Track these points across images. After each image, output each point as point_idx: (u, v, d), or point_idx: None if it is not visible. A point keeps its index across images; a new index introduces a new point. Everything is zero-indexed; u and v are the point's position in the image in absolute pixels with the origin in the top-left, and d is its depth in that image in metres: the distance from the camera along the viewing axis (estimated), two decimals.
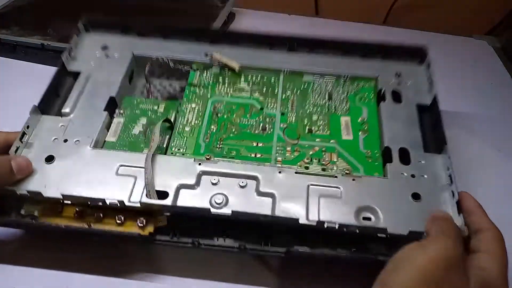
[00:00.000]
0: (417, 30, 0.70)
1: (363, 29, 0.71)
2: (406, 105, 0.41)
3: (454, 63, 0.63)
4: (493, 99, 0.57)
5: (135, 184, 0.34)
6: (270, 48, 0.46)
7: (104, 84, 0.42)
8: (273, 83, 0.43)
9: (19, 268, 0.36)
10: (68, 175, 0.35)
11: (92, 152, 0.37)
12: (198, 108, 0.41)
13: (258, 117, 0.41)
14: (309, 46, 0.45)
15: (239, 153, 0.38)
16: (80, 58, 0.44)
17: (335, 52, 0.45)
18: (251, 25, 0.70)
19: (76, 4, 0.68)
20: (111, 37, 0.47)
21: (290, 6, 0.75)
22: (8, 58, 0.59)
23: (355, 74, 0.44)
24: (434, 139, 0.39)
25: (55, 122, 0.39)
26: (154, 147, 0.36)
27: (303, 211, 0.33)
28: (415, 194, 0.34)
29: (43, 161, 0.36)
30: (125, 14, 0.66)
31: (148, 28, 0.46)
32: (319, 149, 0.38)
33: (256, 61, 0.44)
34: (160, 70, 0.46)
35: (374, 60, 0.45)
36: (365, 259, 0.32)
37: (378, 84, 0.43)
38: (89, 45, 0.46)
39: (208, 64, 0.44)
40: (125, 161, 0.36)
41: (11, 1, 0.67)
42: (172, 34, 0.46)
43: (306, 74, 0.44)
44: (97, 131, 0.38)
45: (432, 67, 0.43)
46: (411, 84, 0.43)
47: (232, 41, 0.46)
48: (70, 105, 0.40)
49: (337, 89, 0.43)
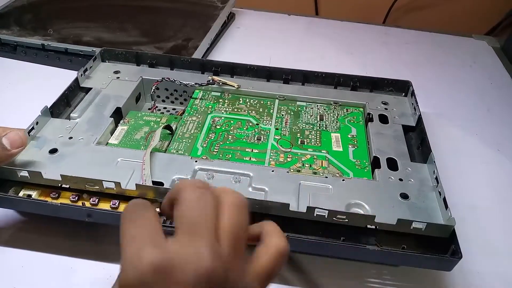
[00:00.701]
0: (417, 30, 0.71)
1: (363, 29, 0.72)
2: (393, 125, 0.44)
3: (454, 63, 0.64)
4: (492, 99, 0.58)
5: (133, 175, 0.36)
6: (268, 80, 0.50)
7: (112, 98, 0.45)
8: (269, 106, 0.47)
9: (24, 251, 0.36)
10: (69, 164, 0.36)
11: (94, 148, 0.38)
12: (198, 120, 0.44)
13: (254, 130, 0.43)
14: (303, 78, 0.50)
15: (234, 157, 0.39)
16: (93, 78, 0.48)
17: (327, 83, 0.50)
18: (251, 25, 0.72)
19: (76, 4, 0.70)
20: (124, 65, 0.51)
21: (290, 6, 0.76)
22: (8, 58, 0.59)
23: (345, 101, 0.47)
24: (421, 153, 0.41)
25: (62, 123, 0.41)
26: (153, 145, 0.38)
27: (295, 203, 0.34)
28: (403, 194, 0.35)
29: (47, 152, 0.37)
30: (125, 14, 0.67)
31: (158, 59, 0.51)
32: (311, 156, 0.40)
33: (254, 88, 0.48)
34: (165, 93, 0.50)
35: (363, 92, 0.49)
36: (354, 248, 0.32)
37: (366, 109, 0.46)
38: (103, 70, 0.50)
39: (210, 88, 0.48)
40: (125, 156, 0.37)
41: (11, 1, 0.69)
42: (179, 65, 0.51)
43: (300, 101, 0.48)
44: (101, 132, 0.40)
45: (414, 96, 0.46)
46: (397, 110, 0.46)
47: (234, 72, 0.50)
48: (79, 112, 0.43)
49: (328, 112, 0.46)
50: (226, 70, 0.50)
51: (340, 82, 0.49)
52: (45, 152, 0.37)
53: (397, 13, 0.80)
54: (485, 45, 0.72)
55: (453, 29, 0.75)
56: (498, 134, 0.52)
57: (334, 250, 0.32)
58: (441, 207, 0.34)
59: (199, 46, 0.60)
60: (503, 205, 0.43)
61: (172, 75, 0.49)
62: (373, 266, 0.36)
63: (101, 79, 0.48)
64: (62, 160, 0.37)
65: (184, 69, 0.51)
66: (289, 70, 0.50)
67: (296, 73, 0.50)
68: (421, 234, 0.32)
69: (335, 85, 0.50)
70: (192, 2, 0.72)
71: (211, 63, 0.50)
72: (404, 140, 0.42)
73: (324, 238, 0.32)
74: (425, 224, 0.31)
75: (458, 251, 0.30)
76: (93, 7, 0.70)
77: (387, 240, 0.32)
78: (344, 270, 0.36)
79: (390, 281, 0.35)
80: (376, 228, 0.33)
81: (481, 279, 0.36)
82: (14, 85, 0.55)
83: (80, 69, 0.47)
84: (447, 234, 0.32)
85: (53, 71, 0.43)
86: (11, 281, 0.33)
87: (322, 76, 0.50)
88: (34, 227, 0.37)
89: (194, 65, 0.51)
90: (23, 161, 0.36)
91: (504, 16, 0.77)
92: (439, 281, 0.35)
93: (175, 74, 0.50)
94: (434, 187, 0.36)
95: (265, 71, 0.50)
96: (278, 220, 0.33)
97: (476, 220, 0.41)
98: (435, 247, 0.32)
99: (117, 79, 0.49)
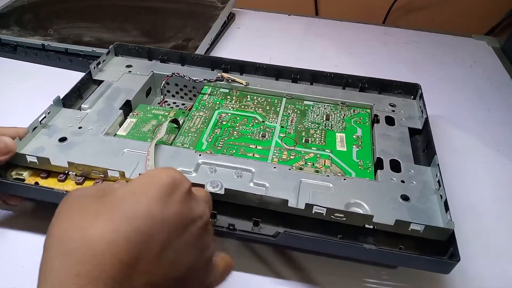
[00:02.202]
0: (416, 30, 0.71)
1: (363, 29, 0.72)
2: (399, 127, 0.44)
3: (453, 63, 0.63)
4: (492, 99, 0.57)
5: (137, 166, 0.36)
6: (276, 78, 0.51)
7: (123, 91, 0.46)
8: (276, 104, 0.47)
9: (24, 251, 0.36)
10: (77, 152, 0.37)
11: (102, 138, 0.39)
12: (205, 116, 0.45)
13: (259, 127, 0.43)
14: (311, 78, 0.50)
15: (238, 152, 0.40)
16: (106, 71, 0.49)
17: (335, 84, 0.50)
18: (251, 25, 0.72)
19: (76, 4, 0.70)
20: (137, 60, 0.52)
21: (290, 6, 0.76)
22: (8, 58, 0.59)
23: (352, 102, 0.47)
24: (426, 156, 0.41)
25: (73, 113, 0.42)
26: (159, 137, 0.39)
27: (294, 199, 0.34)
28: (404, 196, 0.35)
29: (57, 140, 0.38)
30: (125, 14, 0.67)
31: (170, 55, 0.52)
32: (314, 155, 0.40)
33: (262, 86, 0.49)
34: (175, 89, 0.51)
35: (371, 93, 0.49)
36: (351, 246, 0.32)
37: (373, 111, 0.46)
38: (116, 64, 0.51)
39: (219, 85, 0.49)
40: (131, 148, 0.38)
41: (11, 1, 0.69)
42: (189, 61, 0.52)
43: (307, 100, 0.48)
44: (110, 124, 0.41)
45: (423, 99, 0.46)
46: (404, 112, 0.46)
47: (243, 70, 0.51)
48: (89, 103, 0.44)
49: (334, 112, 0.46)
50: (235, 67, 0.51)
51: (348, 82, 0.49)
52: (55, 140, 0.39)
53: (397, 13, 0.80)
54: (485, 45, 0.71)
55: (453, 29, 0.74)
56: (498, 134, 0.52)
57: (331, 248, 0.32)
58: (441, 210, 0.34)
59: (199, 46, 0.60)
60: (503, 205, 0.43)
61: (182, 71, 0.50)
62: (372, 268, 0.36)
63: (114, 72, 0.49)
64: (71, 148, 0.38)
65: (194, 66, 0.52)
66: (297, 70, 0.50)
67: (304, 73, 0.50)
68: (421, 237, 0.32)
69: (343, 85, 0.50)
70: (192, 2, 0.73)
71: (221, 60, 0.51)
72: (409, 143, 0.42)
73: (322, 235, 0.33)
74: (423, 226, 0.31)
75: (456, 254, 0.30)
76: (93, 7, 0.71)
77: (385, 241, 0.32)
78: (343, 270, 0.36)
79: (388, 282, 0.35)
80: (374, 229, 0.33)
81: (480, 281, 0.36)
82: (14, 85, 0.55)
83: (93, 62, 0.48)
84: (445, 237, 0.31)
85: (53, 71, 0.44)
86: (11, 281, 0.33)
87: (331, 76, 0.50)
88: (35, 227, 0.38)
89: (204, 62, 0.52)
90: (33, 148, 0.37)
91: (504, 16, 0.76)
92: (438, 283, 0.35)
93: (185, 70, 0.51)
94: (436, 190, 0.36)
95: (274, 69, 0.50)
96: (277, 216, 0.34)
97: (476, 220, 0.41)
98: (434, 250, 0.32)
99: (129, 73, 0.50)
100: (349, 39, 0.71)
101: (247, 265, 0.36)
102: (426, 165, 0.39)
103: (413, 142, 0.42)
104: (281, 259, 0.36)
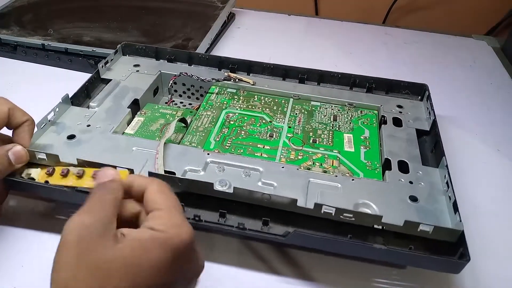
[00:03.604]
0: (416, 30, 0.71)
1: (363, 29, 0.72)
2: (406, 128, 0.44)
3: (454, 63, 0.63)
4: (492, 99, 0.57)
5: (146, 163, 0.37)
6: (283, 79, 0.51)
7: (131, 89, 0.46)
8: (283, 104, 0.47)
9: (24, 251, 0.36)
10: (85, 150, 0.37)
11: (111, 136, 0.39)
12: (213, 115, 0.45)
13: (267, 127, 0.44)
14: (318, 78, 0.50)
15: (246, 152, 0.40)
16: (113, 70, 0.50)
17: (342, 84, 0.50)
18: (251, 25, 0.72)
19: (76, 4, 0.70)
20: (144, 59, 0.53)
21: (290, 6, 0.76)
22: (8, 58, 0.59)
23: (359, 103, 0.47)
24: (434, 157, 0.41)
25: (81, 111, 0.42)
26: (168, 136, 0.39)
27: (303, 199, 0.34)
28: (412, 197, 0.35)
29: (65, 138, 0.39)
30: (125, 14, 0.67)
31: (177, 55, 0.52)
32: (322, 155, 0.40)
33: (269, 87, 0.49)
34: (183, 88, 0.51)
35: (378, 94, 0.49)
36: (361, 245, 0.31)
37: (380, 112, 0.46)
38: (123, 63, 0.51)
39: (227, 84, 0.49)
40: (140, 146, 0.38)
41: (11, 1, 0.69)
42: (197, 61, 0.52)
43: (314, 100, 0.48)
44: (118, 122, 0.41)
45: (430, 100, 0.46)
46: (411, 114, 0.46)
47: (250, 70, 0.51)
48: (97, 101, 0.44)
49: (342, 113, 0.46)
50: (242, 67, 0.51)
51: (355, 83, 0.49)
52: (63, 137, 0.39)
53: (397, 13, 0.80)
54: (485, 45, 0.71)
55: (453, 29, 0.74)
56: (498, 134, 0.52)
57: (340, 247, 0.32)
58: (450, 211, 0.33)
59: (199, 46, 0.60)
60: (502, 205, 0.43)
61: (190, 71, 0.50)
62: (381, 268, 0.36)
63: (121, 71, 0.50)
64: (79, 145, 0.38)
65: (202, 65, 0.52)
66: (305, 70, 0.50)
67: (312, 73, 0.50)
68: (430, 238, 0.32)
69: (350, 86, 0.50)
70: (192, 2, 0.73)
71: (228, 60, 0.51)
72: (416, 144, 0.42)
73: (331, 235, 0.33)
74: (433, 227, 0.31)
75: (466, 254, 0.30)
76: (93, 7, 0.71)
77: (393, 242, 0.32)
78: (352, 270, 0.36)
79: (397, 282, 0.35)
80: (383, 229, 0.33)
81: (478, 281, 0.35)
82: (14, 85, 0.55)
83: (102, 61, 0.48)
84: (455, 239, 0.31)
85: (53, 71, 0.43)
86: (11, 281, 0.33)
87: (338, 76, 0.50)
88: (35, 227, 0.37)
89: (212, 62, 0.52)
90: (42, 145, 0.37)
91: (504, 16, 0.77)
92: (446, 283, 0.35)
93: (193, 69, 0.51)
94: (445, 191, 0.36)
95: (281, 69, 0.50)
96: (284, 216, 0.33)
97: (475, 220, 0.40)
98: (441, 251, 0.31)
99: (137, 72, 0.50)
100: (349, 39, 0.71)
101: (253, 264, 0.36)
102: (434, 166, 0.39)
103: (421, 143, 0.42)
104: (287, 259, 0.36)
